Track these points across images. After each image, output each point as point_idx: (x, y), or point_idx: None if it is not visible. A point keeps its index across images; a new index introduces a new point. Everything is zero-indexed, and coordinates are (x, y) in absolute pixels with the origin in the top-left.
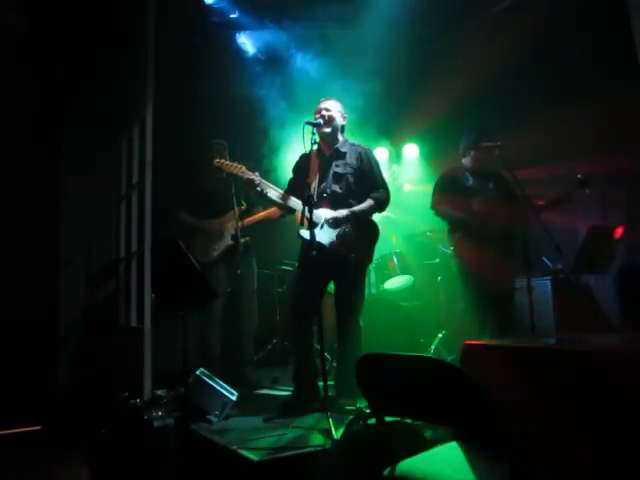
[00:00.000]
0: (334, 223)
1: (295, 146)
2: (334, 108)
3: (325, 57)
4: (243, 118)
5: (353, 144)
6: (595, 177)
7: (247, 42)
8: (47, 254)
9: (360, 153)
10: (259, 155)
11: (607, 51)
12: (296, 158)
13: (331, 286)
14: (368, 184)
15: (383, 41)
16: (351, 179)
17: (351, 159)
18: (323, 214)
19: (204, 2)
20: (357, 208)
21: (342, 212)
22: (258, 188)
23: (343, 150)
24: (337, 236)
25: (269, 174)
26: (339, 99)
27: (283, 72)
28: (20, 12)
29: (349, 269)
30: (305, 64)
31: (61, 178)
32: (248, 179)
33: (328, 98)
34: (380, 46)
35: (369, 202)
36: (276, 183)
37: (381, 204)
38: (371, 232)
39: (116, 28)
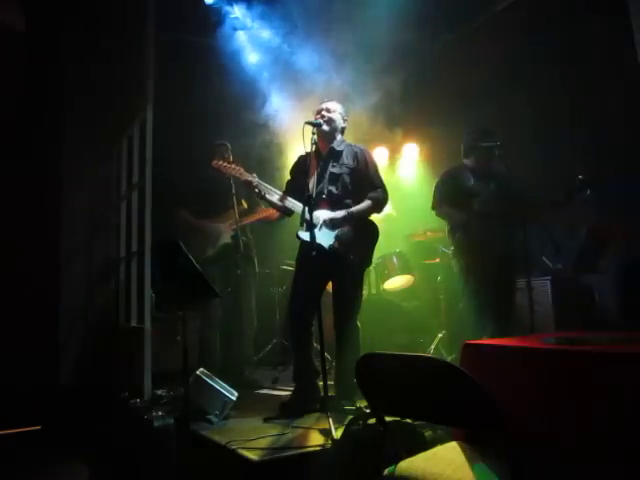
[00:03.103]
0: (331, 224)
1: (297, 145)
2: (335, 109)
3: (327, 56)
4: (244, 117)
5: (350, 144)
6: (595, 177)
7: (248, 41)
8: (47, 254)
9: (356, 153)
10: (261, 154)
11: (607, 51)
12: (295, 158)
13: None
14: (365, 184)
15: (384, 40)
16: (347, 179)
17: (347, 159)
18: (321, 215)
19: (204, 2)
20: (355, 209)
21: (340, 213)
22: (256, 190)
23: (339, 149)
24: (336, 237)
25: (272, 173)
26: (340, 100)
27: (284, 70)
28: (20, 12)
29: (348, 270)
30: (307, 62)
31: (61, 178)
32: (246, 181)
33: (330, 99)
34: (381, 46)
35: (367, 202)
36: (280, 181)
37: (379, 204)
38: (370, 233)
39: (116, 28)
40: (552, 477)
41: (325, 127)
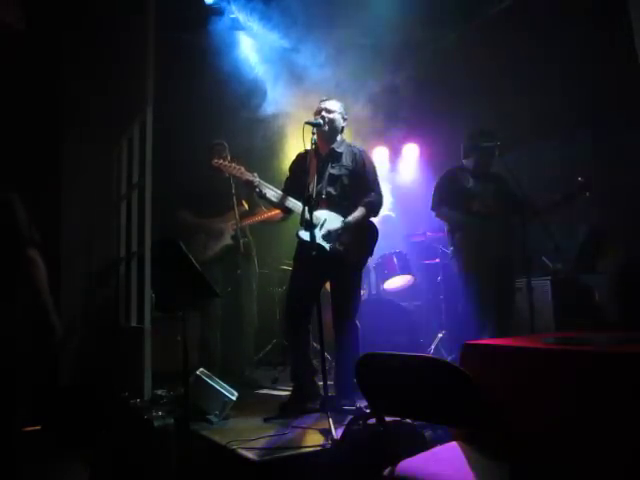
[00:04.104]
0: (330, 237)
1: (296, 144)
2: (335, 109)
3: (326, 52)
4: (244, 117)
5: (350, 145)
6: (595, 177)
7: (248, 41)
8: (47, 254)
9: (355, 154)
10: (261, 154)
11: (607, 51)
12: (295, 154)
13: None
14: (361, 186)
15: (384, 41)
16: (346, 181)
17: (347, 160)
18: (321, 216)
19: (204, 2)
20: (350, 219)
21: (336, 225)
22: (257, 189)
23: (339, 150)
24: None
25: (271, 172)
26: (340, 99)
27: (284, 66)
28: (20, 12)
29: (346, 270)
30: (306, 58)
31: (61, 178)
32: (247, 180)
33: (329, 98)
34: (381, 46)
35: (361, 210)
36: (278, 181)
37: (373, 209)
38: (369, 233)
39: (116, 28)
40: (552, 477)
41: (325, 128)
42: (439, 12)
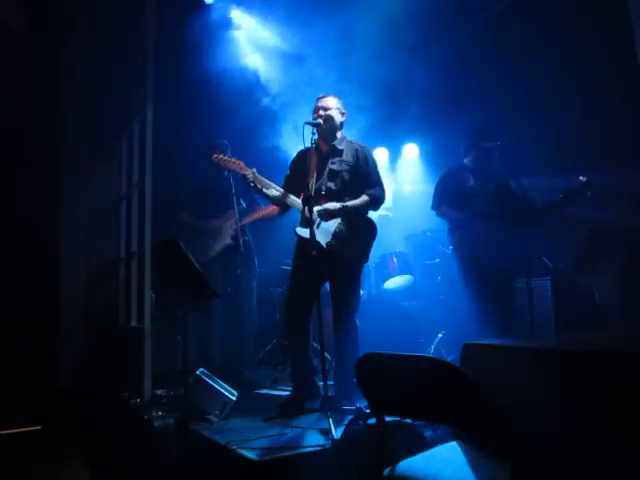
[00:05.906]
0: (325, 215)
1: (296, 144)
2: (332, 105)
3: (328, 55)
4: (244, 117)
5: (351, 141)
6: (595, 177)
7: (249, 38)
8: (47, 254)
9: (357, 150)
10: (261, 154)
11: (607, 51)
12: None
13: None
14: (363, 182)
15: (383, 41)
16: (346, 176)
17: (347, 156)
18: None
19: (204, 1)
20: (350, 202)
21: (334, 204)
22: (252, 184)
23: (340, 147)
24: (334, 235)
25: (272, 172)
26: (337, 93)
27: (285, 72)
28: (20, 12)
29: (346, 268)
30: (306, 64)
31: (61, 178)
32: (243, 175)
33: (326, 95)
34: (380, 45)
35: (363, 198)
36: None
37: (376, 201)
38: (368, 231)
39: (116, 28)
40: (552, 477)
41: (324, 127)
42: (441, 11)
